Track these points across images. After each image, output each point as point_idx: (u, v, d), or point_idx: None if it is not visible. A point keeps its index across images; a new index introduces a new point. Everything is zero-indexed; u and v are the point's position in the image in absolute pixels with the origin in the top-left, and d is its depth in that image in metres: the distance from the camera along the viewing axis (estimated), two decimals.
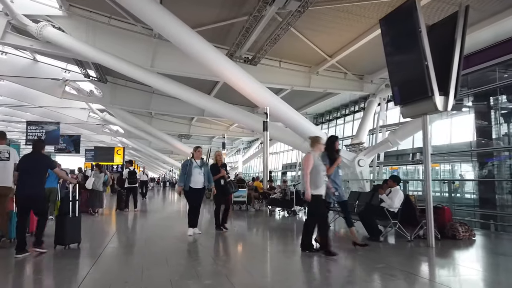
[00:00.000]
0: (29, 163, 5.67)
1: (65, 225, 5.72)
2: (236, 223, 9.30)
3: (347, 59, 13.63)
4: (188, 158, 7.28)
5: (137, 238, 7.54)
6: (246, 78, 11.29)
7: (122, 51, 12.29)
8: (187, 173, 6.95)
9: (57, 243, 5.69)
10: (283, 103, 11.83)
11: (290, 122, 12.29)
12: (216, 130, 28.88)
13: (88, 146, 39.59)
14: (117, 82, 18.98)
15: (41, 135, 24.15)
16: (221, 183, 7.64)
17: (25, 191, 5.49)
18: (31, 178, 5.51)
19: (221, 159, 8.07)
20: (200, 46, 10.20)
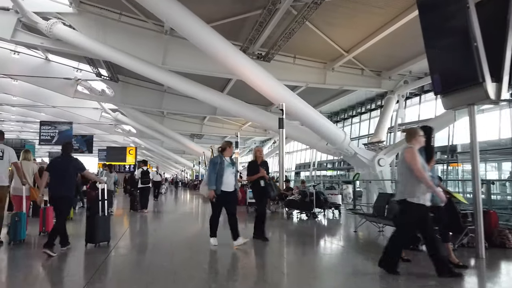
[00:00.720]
0: (59, 165, 5.83)
1: (97, 224, 5.95)
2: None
3: (364, 54, 13.08)
4: (217, 155, 6.15)
5: (152, 243, 6.90)
6: (262, 74, 10.88)
7: (133, 49, 12.03)
8: (218, 172, 5.83)
9: (88, 241, 5.92)
10: (300, 100, 11.35)
11: (307, 120, 11.76)
12: (228, 129, 28.57)
13: (101, 146, 39.85)
14: (128, 81, 18.83)
15: (54, 135, 24.34)
16: (260, 184, 6.56)
17: (54, 192, 5.75)
18: (60, 180, 5.70)
19: (261, 156, 6.94)
20: (215, 41, 9.83)
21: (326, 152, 12.05)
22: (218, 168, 5.83)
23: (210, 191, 5.79)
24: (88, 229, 5.98)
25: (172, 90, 19.40)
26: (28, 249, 5.98)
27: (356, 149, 12.67)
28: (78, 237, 6.28)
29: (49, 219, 6.98)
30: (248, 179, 6.50)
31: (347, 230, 8.86)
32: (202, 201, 19.31)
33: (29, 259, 5.34)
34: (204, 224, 10.17)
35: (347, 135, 12.26)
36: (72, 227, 8.28)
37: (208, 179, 5.91)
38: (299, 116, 11.84)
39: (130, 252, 6.04)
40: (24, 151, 7.38)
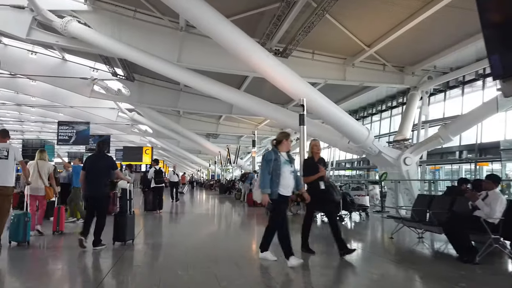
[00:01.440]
0: (93, 163, 5.95)
1: (125, 222, 6.04)
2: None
3: (387, 48, 12.49)
4: (270, 149, 4.97)
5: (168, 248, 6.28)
6: (283, 68, 10.44)
7: (148, 46, 11.80)
8: (273, 171, 4.70)
9: (116, 239, 6.01)
10: (321, 96, 10.85)
11: (328, 117, 11.21)
12: (244, 128, 28.26)
13: (118, 146, 40.15)
14: (144, 80, 18.76)
15: (71, 135, 24.52)
16: (320, 186, 5.31)
17: (88, 191, 5.89)
18: (95, 178, 5.82)
19: (318, 152, 5.63)
20: (234, 35, 9.48)
21: (348, 150, 11.53)
22: (273, 166, 4.70)
23: (264, 195, 4.67)
24: (116, 227, 6.06)
25: (188, 89, 19.25)
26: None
27: (381, 147, 12.08)
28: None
29: (63, 218, 7.17)
30: (305, 181, 5.33)
31: (381, 236, 8.16)
32: (218, 201, 19.13)
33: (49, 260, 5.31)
34: (223, 227, 9.91)
35: (371, 133, 11.67)
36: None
37: (261, 180, 4.76)
38: (320, 112, 11.30)
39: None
40: (40, 150, 7.39)
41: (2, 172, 5.65)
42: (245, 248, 6.26)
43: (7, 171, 5.72)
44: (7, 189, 5.69)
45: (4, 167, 5.70)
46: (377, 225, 9.53)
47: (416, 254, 5.86)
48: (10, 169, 5.78)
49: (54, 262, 5.37)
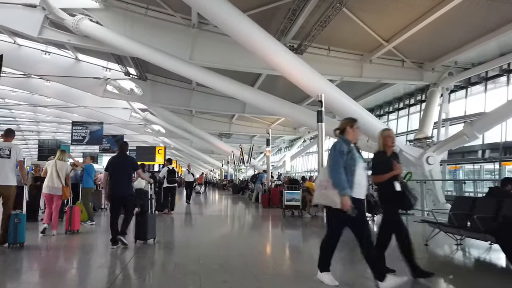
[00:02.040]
0: (116, 164, 6.04)
1: (147, 222, 6.11)
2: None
3: (405, 44, 12.04)
4: (339, 140, 3.88)
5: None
6: (300, 64, 10.13)
7: (160, 43, 11.61)
8: (347, 167, 3.68)
9: (138, 238, 6.13)
10: (340, 92, 10.45)
11: (347, 114, 10.74)
12: (257, 128, 27.99)
13: (131, 146, 40.11)
14: (157, 79, 18.64)
15: (85, 135, 24.59)
16: (395, 187, 4.08)
17: (114, 190, 5.96)
18: (119, 178, 5.94)
19: (392, 145, 4.39)
20: (250, 29, 9.21)
21: (367, 149, 11.03)
22: (348, 160, 3.70)
23: (345, 198, 3.55)
24: (138, 226, 6.18)
25: (201, 88, 19.08)
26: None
27: (402, 146, 11.58)
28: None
29: (75, 218, 7.17)
30: (375, 180, 4.27)
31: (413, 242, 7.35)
32: (232, 202, 18.66)
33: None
34: (238, 231, 9.38)
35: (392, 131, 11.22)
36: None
37: (336, 178, 3.64)
38: (338, 109, 10.88)
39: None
40: (61, 151, 7.49)
41: (4, 172, 5.66)
42: (264, 257, 5.79)
43: (8, 170, 5.72)
44: (9, 189, 5.69)
45: (6, 166, 5.70)
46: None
47: (456, 263, 5.24)
48: (12, 168, 5.78)
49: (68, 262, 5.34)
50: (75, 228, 7.16)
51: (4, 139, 5.96)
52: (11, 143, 5.95)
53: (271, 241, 7.50)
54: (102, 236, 7.25)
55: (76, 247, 6.30)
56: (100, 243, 6.70)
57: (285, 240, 7.60)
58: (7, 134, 5.99)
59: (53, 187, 6.94)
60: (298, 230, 8.69)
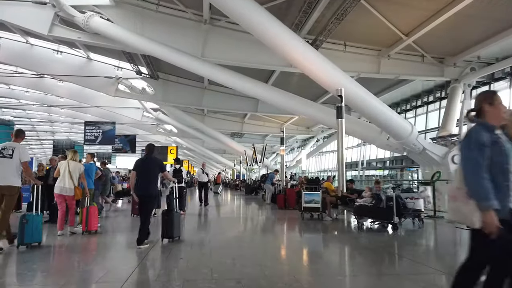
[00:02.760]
0: (143, 165, 6.31)
1: (173, 220, 6.37)
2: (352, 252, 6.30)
3: (426, 38, 11.47)
4: (479, 127, 2.60)
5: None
6: (318, 56, 9.70)
7: (171, 40, 11.33)
8: (495, 166, 2.51)
9: (165, 236, 6.38)
10: (360, 87, 9.95)
11: (368, 110, 10.25)
12: (270, 127, 27.67)
13: (143, 146, 40.44)
14: (168, 78, 18.47)
15: (98, 135, 24.60)
16: None
17: (140, 191, 6.19)
18: (146, 178, 6.18)
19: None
20: (268, 22, 8.83)
21: (387, 148, 10.58)
22: (495, 156, 2.52)
23: (488, 213, 2.39)
24: (164, 225, 6.39)
25: (213, 87, 18.83)
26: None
27: (425, 144, 11.00)
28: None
29: (92, 218, 7.15)
30: None
31: (453, 250, 6.57)
32: (245, 203, 17.98)
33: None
34: (252, 235, 8.49)
35: (415, 128, 10.67)
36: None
37: (471, 183, 2.49)
38: (358, 105, 10.37)
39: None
40: (73, 151, 7.47)
41: (6, 172, 5.59)
42: (284, 267, 5.17)
43: (10, 171, 5.64)
44: (11, 189, 5.60)
45: (7, 166, 5.63)
46: (439, 234, 8.11)
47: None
48: (14, 169, 5.69)
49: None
50: (92, 228, 7.18)
51: (14, 139, 5.92)
52: (16, 143, 5.87)
53: (291, 247, 6.93)
54: (121, 236, 7.56)
55: (102, 247, 6.40)
56: (122, 243, 6.89)
57: (306, 246, 7.02)
58: (17, 134, 5.98)
59: (65, 188, 6.91)
60: (319, 234, 8.10)
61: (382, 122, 10.40)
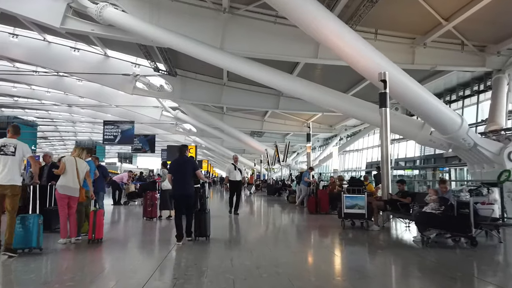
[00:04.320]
0: (178, 166, 6.67)
1: (206, 219, 6.63)
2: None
3: (466, 23, 10.31)
4: None
5: None
6: (356, 38, 8.63)
7: (189, 31, 10.63)
8: None
9: (198, 235, 6.62)
10: (403, 74, 8.84)
11: (412, 100, 8.97)
12: (291, 126, 26.81)
13: (163, 146, 40.26)
14: (186, 75, 17.91)
15: (117, 134, 24.37)
16: None
17: (177, 191, 6.60)
18: (182, 178, 6.50)
19: None
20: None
21: (429, 144, 9.50)
22: None
23: None
24: (198, 224, 6.61)
25: (232, 83, 18.13)
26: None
27: (477, 139, 9.82)
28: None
29: (99, 224, 6.37)
30: None
31: None
32: (270, 206, 16.42)
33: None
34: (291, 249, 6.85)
35: (465, 121, 9.47)
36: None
37: None
38: (400, 94, 9.03)
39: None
40: (79, 148, 6.86)
41: (9, 170, 5.15)
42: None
43: (14, 169, 5.20)
44: (15, 188, 5.20)
45: (11, 164, 5.18)
46: None
47: None
48: (17, 167, 5.25)
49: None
50: (99, 236, 6.38)
51: (11, 135, 5.43)
52: (15, 140, 5.40)
53: (335, 265, 5.63)
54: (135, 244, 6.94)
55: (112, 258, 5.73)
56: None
57: (353, 263, 5.64)
58: (14, 130, 5.49)
59: (70, 188, 6.24)
60: (370, 249, 6.66)
61: (428, 114, 9.19)
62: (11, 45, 16.23)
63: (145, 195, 10.24)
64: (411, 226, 8.16)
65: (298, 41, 11.13)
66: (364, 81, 15.10)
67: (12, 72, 20.04)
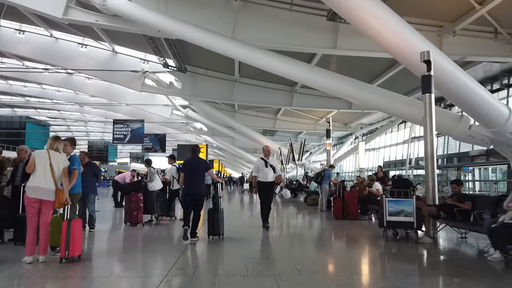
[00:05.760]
0: (191, 166, 6.71)
1: (219, 218, 6.68)
2: None
3: (501, 8, 9.36)
4: None
5: None
6: (392, 13, 7.68)
7: (198, 21, 9.94)
8: None
9: (212, 234, 6.66)
10: (443, 56, 7.90)
11: (453, 89, 8.01)
12: (304, 124, 26.07)
13: (174, 146, 39.88)
14: (197, 71, 17.31)
15: (126, 133, 23.94)
16: None
17: (188, 190, 6.64)
18: (194, 178, 6.59)
19: None
20: None
21: (467, 140, 8.54)
22: None
23: None
24: (211, 223, 6.66)
25: (244, 80, 17.45)
26: None
27: None
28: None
29: (76, 237, 4.82)
30: None
31: None
32: (287, 209, 14.39)
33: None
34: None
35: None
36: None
37: None
38: (440, 80, 7.78)
39: None
40: (54, 137, 5.27)
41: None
42: None
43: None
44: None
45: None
46: None
47: None
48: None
49: None
50: (75, 253, 4.83)
51: None
52: None
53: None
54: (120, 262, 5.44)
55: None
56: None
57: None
58: None
59: (41, 189, 4.86)
60: (429, 272, 5.13)
61: (472, 104, 8.14)
62: (18, 41, 15.89)
63: (129, 198, 8.62)
64: (468, 238, 6.83)
65: (315, 30, 10.36)
66: (383, 75, 14.27)
67: (21, 69, 19.77)
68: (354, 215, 10.05)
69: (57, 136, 5.37)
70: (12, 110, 39.77)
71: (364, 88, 10.13)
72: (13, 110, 39.80)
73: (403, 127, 22.86)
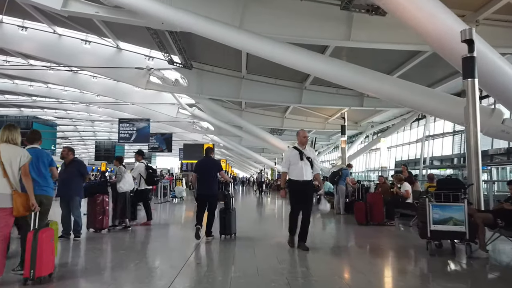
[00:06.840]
0: (203, 167, 6.82)
1: (231, 218, 6.72)
2: None
3: None
4: None
5: None
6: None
7: (204, 11, 9.41)
8: None
9: (223, 233, 6.67)
10: (480, 40, 7.12)
11: (491, 75, 7.21)
12: (313, 122, 25.42)
13: (181, 145, 39.53)
14: (203, 68, 16.83)
15: (132, 132, 23.57)
16: None
17: (201, 191, 6.73)
18: (205, 179, 6.70)
19: None
20: None
21: (499, 135, 7.87)
22: None
23: None
24: (223, 223, 6.68)
25: (251, 76, 16.92)
26: None
27: None
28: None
29: (44, 252, 3.85)
30: None
31: None
32: (317, 217, 12.65)
33: None
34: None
35: None
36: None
37: None
38: (478, 68, 6.47)
39: None
40: (7, 127, 4.08)
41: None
42: None
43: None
44: None
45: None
46: None
47: None
48: None
49: None
50: (42, 273, 3.81)
51: None
52: None
53: None
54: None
55: None
56: None
57: None
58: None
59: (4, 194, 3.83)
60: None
61: (506, 95, 7.57)
62: (20, 38, 15.55)
63: (93, 200, 7.45)
64: None
65: (327, 20, 9.80)
66: (397, 70, 13.61)
67: (26, 67, 19.50)
68: (379, 220, 8.81)
69: (11, 124, 4.16)
70: (19, 110, 39.73)
71: (384, 79, 9.32)
72: (20, 110, 39.76)
73: (416, 125, 22.12)
